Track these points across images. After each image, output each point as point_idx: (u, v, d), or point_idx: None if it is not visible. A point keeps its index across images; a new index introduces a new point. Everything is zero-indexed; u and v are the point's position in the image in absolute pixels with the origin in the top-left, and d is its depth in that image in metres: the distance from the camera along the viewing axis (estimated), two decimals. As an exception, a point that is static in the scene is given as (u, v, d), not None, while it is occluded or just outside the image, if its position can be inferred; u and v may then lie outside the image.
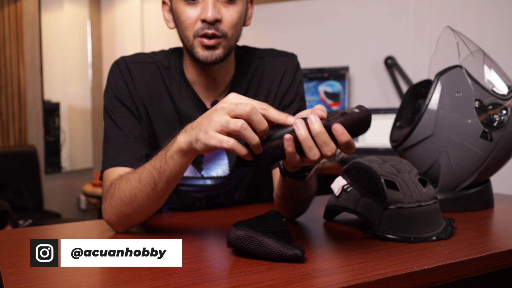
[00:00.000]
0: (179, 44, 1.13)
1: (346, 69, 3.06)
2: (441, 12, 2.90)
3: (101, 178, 1.03)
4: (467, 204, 1.12)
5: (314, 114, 0.71)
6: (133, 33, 3.61)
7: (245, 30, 1.12)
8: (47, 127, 3.42)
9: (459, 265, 0.74)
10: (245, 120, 0.71)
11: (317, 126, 0.70)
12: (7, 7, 3.10)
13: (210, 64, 1.02)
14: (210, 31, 0.99)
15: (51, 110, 3.47)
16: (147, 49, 3.48)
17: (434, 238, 0.85)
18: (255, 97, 1.13)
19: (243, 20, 1.07)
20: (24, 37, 3.19)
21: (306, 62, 3.13)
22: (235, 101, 0.73)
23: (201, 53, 1.01)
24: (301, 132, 0.70)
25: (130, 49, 3.50)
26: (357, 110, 0.70)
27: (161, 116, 1.10)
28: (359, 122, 0.70)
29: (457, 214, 1.06)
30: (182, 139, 0.79)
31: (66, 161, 3.64)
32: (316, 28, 3.25)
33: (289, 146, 0.71)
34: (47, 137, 3.41)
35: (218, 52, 1.01)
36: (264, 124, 0.72)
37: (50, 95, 3.45)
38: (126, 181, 0.90)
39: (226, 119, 0.72)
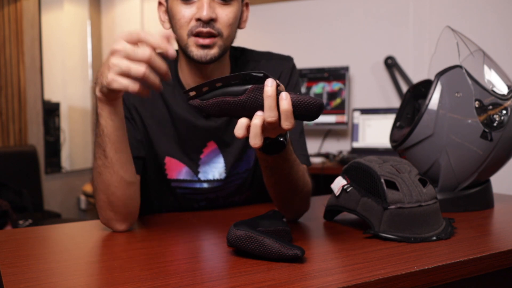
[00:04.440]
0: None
1: (346, 69, 3.06)
2: (441, 12, 2.90)
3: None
4: (467, 204, 1.12)
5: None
6: (133, 33, 3.61)
7: (244, 30, 1.11)
8: (47, 127, 3.42)
9: (459, 265, 0.74)
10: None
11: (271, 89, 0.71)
12: (7, 7, 3.10)
13: (204, 63, 1.02)
14: (205, 29, 0.98)
15: (51, 110, 3.47)
16: (147, 49, 3.48)
17: (434, 238, 0.85)
18: None
19: (238, 22, 1.07)
20: (24, 37, 3.19)
21: (306, 62, 3.14)
22: (127, 45, 0.75)
23: (196, 52, 1.00)
24: (269, 89, 0.71)
25: (130, 49, 3.50)
26: (312, 96, 0.73)
27: (154, 118, 1.10)
28: (307, 105, 0.72)
29: (457, 214, 1.06)
30: (96, 90, 0.83)
31: (66, 161, 3.64)
32: (316, 28, 3.25)
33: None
34: (47, 137, 3.41)
35: (213, 51, 1.00)
36: (163, 67, 0.76)
37: (50, 95, 3.45)
38: (92, 169, 0.93)
39: (126, 64, 0.75)
